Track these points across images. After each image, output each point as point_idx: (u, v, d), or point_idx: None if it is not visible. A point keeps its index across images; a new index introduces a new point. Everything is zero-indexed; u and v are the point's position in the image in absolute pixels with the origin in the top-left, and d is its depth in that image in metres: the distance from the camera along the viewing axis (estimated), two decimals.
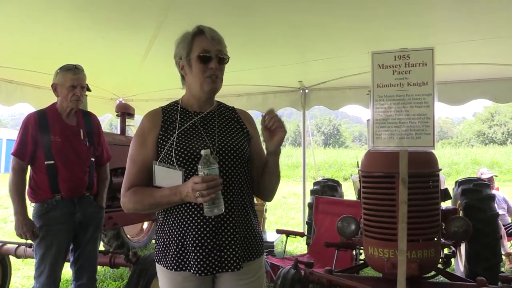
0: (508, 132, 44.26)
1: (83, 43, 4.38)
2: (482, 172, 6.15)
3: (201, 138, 1.64)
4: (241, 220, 1.63)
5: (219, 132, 1.68)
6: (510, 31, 4.12)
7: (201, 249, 1.55)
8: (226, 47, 1.70)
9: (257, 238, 1.70)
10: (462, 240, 2.81)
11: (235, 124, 1.75)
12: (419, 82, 2.18)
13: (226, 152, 1.63)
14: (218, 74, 1.67)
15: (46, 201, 2.83)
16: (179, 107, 1.76)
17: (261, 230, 1.80)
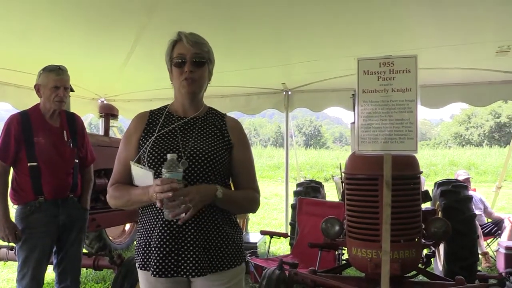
0: (484, 134, 45.37)
1: (65, 43, 4.33)
2: (459, 174, 6.32)
3: (175, 143, 1.68)
4: (207, 228, 1.62)
5: (195, 138, 1.70)
6: (486, 37, 4.26)
7: (159, 251, 1.59)
8: (207, 51, 1.73)
9: (229, 249, 1.67)
10: (442, 240, 2.89)
11: (216, 132, 1.74)
12: (403, 88, 2.26)
13: (197, 159, 1.63)
14: (194, 77, 1.68)
15: (29, 203, 2.80)
16: (166, 111, 1.80)
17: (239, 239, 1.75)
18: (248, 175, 1.78)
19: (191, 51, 1.68)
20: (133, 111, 7.15)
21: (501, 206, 10.35)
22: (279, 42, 4.54)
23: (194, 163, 1.62)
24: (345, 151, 36.47)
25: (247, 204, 1.76)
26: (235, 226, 1.74)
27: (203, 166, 1.63)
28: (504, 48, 4.56)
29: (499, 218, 5.83)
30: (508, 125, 43.39)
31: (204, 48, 1.72)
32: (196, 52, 1.69)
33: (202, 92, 1.79)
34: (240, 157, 1.75)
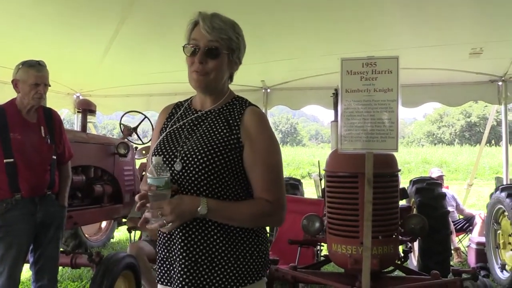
0: (455, 133, 46.64)
1: (40, 35, 4.24)
2: (432, 172, 6.49)
3: (175, 142, 1.50)
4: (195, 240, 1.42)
5: (198, 136, 1.48)
6: (460, 39, 4.39)
7: (159, 257, 1.55)
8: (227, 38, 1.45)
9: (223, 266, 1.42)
10: (419, 236, 2.98)
11: (224, 128, 1.47)
12: (385, 88, 2.31)
13: (190, 160, 1.42)
14: (206, 69, 1.44)
15: (5, 200, 2.73)
16: (187, 103, 1.62)
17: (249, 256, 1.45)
18: (260, 181, 1.45)
19: (206, 38, 1.43)
20: (110, 107, 7.07)
21: (472, 203, 10.68)
22: (259, 40, 4.55)
23: (187, 165, 1.42)
24: (321, 149, 36.85)
25: (252, 219, 1.43)
26: (239, 245, 1.45)
27: (195, 169, 1.40)
28: (477, 50, 4.71)
29: (471, 215, 6.02)
30: (478, 124, 44.73)
31: (223, 35, 1.44)
32: (211, 39, 1.42)
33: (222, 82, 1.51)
34: (250, 157, 1.44)
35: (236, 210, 1.42)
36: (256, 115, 1.49)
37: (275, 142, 1.50)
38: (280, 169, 1.50)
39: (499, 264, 4.59)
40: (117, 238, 6.82)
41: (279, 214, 1.46)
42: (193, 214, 1.36)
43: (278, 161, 1.49)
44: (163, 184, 1.32)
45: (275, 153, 1.48)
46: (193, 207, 1.35)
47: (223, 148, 1.43)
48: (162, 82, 6.02)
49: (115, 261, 3.09)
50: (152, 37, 4.39)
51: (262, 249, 1.50)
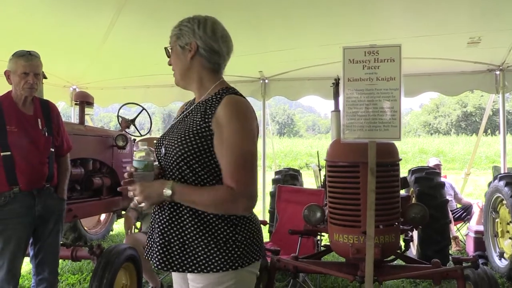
0: (451, 122, 46.77)
1: (34, 27, 4.19)
2: (431, 161, 6.51)
3: (169, 130, 1.67)
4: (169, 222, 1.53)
5: (179, 126, 1.63)
6: (457, 28, 4.37)
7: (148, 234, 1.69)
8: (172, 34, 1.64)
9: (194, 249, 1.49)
10: (419, 225, 2.98)
11: (199, 117, 1.55)
12: (387, 77, 2.29)
13: (168, 148, 1.56)
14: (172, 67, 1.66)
15: (3, 194, 2.71)
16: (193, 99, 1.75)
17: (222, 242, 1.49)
18: (226, 168, 1.48)
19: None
20: (106, 99, 7.02)
21: (469, 192, 10.74)
22: (257, 30, 4.53)
23: (167, 150, 1.56)
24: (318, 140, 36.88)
25: (213, 205, 1.47)
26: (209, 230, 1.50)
27: (172, 154, 1.53)
28: (475, 39, 4.70)
29: (468, 204, 6.05)
30: (474, 114, 44.86)
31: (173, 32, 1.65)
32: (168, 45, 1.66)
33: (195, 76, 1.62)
34: (217, 145, 1.50)
35: (199, 195, 1.49)
36: (230, 103, 1.52)
37: (245, 130, 1.50)
38: (247, 157, 1.48)
39: (497, 252, 4.62)
40: (116, 231, 6.81)
41: (242, 202, 1.47)
42: (160, 196, 1.48)
43: (246, 149, 1.48)
44: (142, 166, 1.51)
45: (243, 141, 1.48)
46: (160, 190, 1.48)
47: (193, 135, 1.51)
48: (159, 73, 5.97)
49: (116, 253, 3.08)
50: (149, 28, 4.35)
51: (239, 238, 1.51)
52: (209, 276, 1.48)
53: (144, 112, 5.37)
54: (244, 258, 1.51)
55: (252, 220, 1.59)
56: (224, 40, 1.61)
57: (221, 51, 1.60)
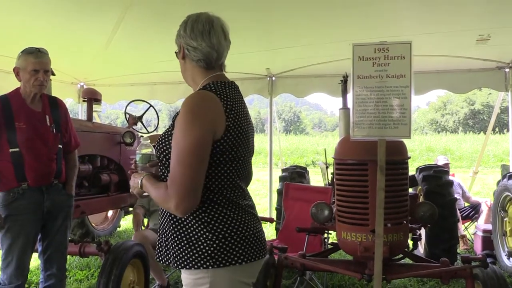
0: (459, 120, 46.45)
1: (42, 24, 4.20)
2: (438, 159, 6.47)
3: None
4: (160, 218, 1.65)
5: None
6: (467, 25, 4.33)
7: None
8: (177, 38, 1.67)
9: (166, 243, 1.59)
10: (428, 223, 2.96)
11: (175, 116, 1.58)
12: (398, 74, 2.27)
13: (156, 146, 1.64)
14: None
15: (12, 190, 2.72)
16: None
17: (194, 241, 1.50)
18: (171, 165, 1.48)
19: None
20: (114, 96, 7.05)
21: (477, 190, 10.67)
22: (264, 27, 4.51)
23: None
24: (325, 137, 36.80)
25: (160, 201, 1.53)
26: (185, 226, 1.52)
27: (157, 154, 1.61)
28: (485, 37, 4.65)
29: (477, 202, 6.01)
30: (482, 112, 44.53)
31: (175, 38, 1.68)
32: None
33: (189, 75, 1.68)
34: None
35: (153, 191, 1.55)
36: (185, 101, 1.51)
37: (185, 127, 1.46)
38: (181, 156, 1.44)
39: (505, 251, 4.58)
40: (123, 227, 6.85)
41: (172, 202, 1.44)
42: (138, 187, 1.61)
43: (181, 146, 1.44)
44: (137, 159, 1.67)
45: (181, 138, 1.45)
46: (137, 181, 1.61)
47: (163, 135, 1.59)
48: (167, 70, 5.98)
49: (124, 250, 3.09)
50: (156, 24, 4.34)
51: (211, 238, 1.48)
52: (188, 272, 1.53)
53: (151, 109, 5.38)
54: (216, 258, 1.48)
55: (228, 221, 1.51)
56: (204, 35, 1.59)
57: (201, 47, 1.59)
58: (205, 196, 1.50)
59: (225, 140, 1.50)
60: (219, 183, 1.52)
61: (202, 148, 1.45)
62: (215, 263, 1.47)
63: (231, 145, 1.52)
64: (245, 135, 1.58)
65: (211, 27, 1.60)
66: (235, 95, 1.61)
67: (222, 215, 1.51)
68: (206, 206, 1.51)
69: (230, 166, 1.54)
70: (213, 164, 1.50)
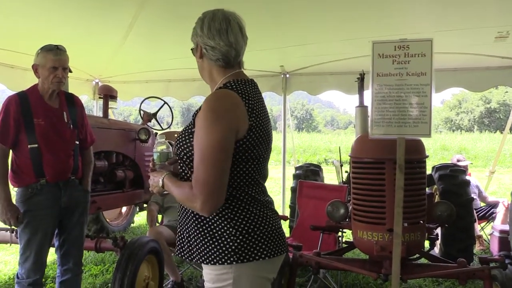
0: (474, 119, 45.81)
1: (59, 22, 4.23)
2: (458, 159, 6.37)
3: None
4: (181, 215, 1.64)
5: None
6: (485, 22, 4.25)
7: None
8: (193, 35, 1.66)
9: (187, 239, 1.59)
10: (446, 223, 2.92)
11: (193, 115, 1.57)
12: (418, 72, 2.24)
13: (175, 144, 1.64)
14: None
15: (31, 185, 2.76)
16: None
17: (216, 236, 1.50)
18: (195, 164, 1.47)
19: None
20: (128, 93, 7.09)
21: (493, 190, 10.51)
22: (278, 24, 4.48)
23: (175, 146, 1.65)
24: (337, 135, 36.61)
25: (184, 201, 1.52)
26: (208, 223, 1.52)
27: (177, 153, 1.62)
28: (503, 34, 4.56)
29: (493, 202, 5.92)
30: (498, 110, 43.84)
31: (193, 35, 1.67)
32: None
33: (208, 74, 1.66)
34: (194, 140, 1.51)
35: (175, 190, 1.55)
36: (207, 99, 1.51)
37: (207, 126, 1.45)
38: (205, 155, 1.43)
39: None
40: (137, 223, 6.90)
41: (197, 201, 1.43)
42: (158, 186, 1.61)
43: (206, 148, 1.43)
44: (155, 157, 1.68)
45: (204, 137, 1.44)
46: (158, 180, 1.61)
47: (187, 133, 1.56)
48: (181, 67, 6.00)
49: (140, 246, 3.11)
50: (171, 22, 4.35)
51: (235, 233, 1.49)
52: (211, 267, 1.53)
53: (164, 106, 5.40)
54: (240, 254, 1.48)
55: (251, 217, 1.52)
56: (222, 34, 1.58)
57: (219, 46, 1.58)
58: (228, 192, 1.50)
59: (248, 139, 1.50)
60: (241, 180, 1.52)
61: (226, 147, 1.44)
62: (238, 259, 1.48)
63: (253, 144, 1.52)
64: (267, 133, 1.59)
65: (228, 25, 1.58)
66: (256, 93, 1.60)
67: (245, 211, 1.52)
68: (229, 202, 1.51)
69: (252, 164, 1.54)
70: (235, 162, 1.50)
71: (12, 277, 4.22)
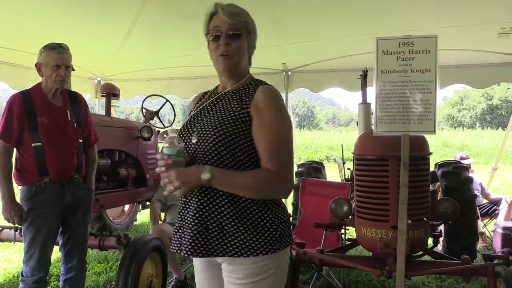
0: (476, 116, 45.72)
1: (61, 20, 4.24)
2: (461, 156, 6.36)
3: (195, 120, 1.66)
4: (208, 208, 1.52)
5: (212, 114, 1.62)
6: (488, 18, 4.24)
7: (175, 227, 1.66)
8: (244, 21, 1.60)
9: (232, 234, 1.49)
10: (450, 220, 2.92)
11: (236, 104, 1.57)
12: (422, 68, 2.23)
13: (202, 135, 1.55)
14: (230, 50, 1.57)
15: (34, 184, 2.76)
16: (213, 89, 1.77)
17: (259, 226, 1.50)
18: (265, 152, 1.50)
19: (227, 22, 1.57)
20: (130, 91, 7.09)
21: (495, 187, 10.50)
22: (280, 21, 4.47)
23: (200, 137, 1.55)
24: (339, 133, 36.56)
25: (253, 186, 1.48)
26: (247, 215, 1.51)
27: (207, 141, 1.53)
28: (507, 30, 4.55)
29: (496, 199, 5.91)
30: (500, 107, 43.73)
31: (241, 18, 1.60)
32: (231, 23, 1.57)
33: (243, 65, 1.64)
34: (257, 129, 1.52)
35: (238, 178, 1.50)
36: (268, 91, 1.58)
37: (283, 115, 1.55)
38: (285, 141, 1.53)
39: None
40: (139, 221, 6.92)
41: (280, 185, 1.50)
42: (198, 181, 1.46)
43: (284, 133, 1.53)
44: (174, 153, 1.49)
45: (282, 125, 1.53)
46: (197, 174, 1.46)
47: (232, 121, 1.53)
48: (183, 65, 6.00)
49: (143, 243, 3.12)
50: (173, 20, 4.36)
51: (276, 222, 1.54)
52: (254, 259, 1.49)
53: (166, 104, 5.40)
54: (281, 242, 1.53)
55: (282, 205, 1.61)
56: None
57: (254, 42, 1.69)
58: None
59: None
60: None
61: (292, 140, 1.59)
62: (280, 246, 1.53)
63: None
64: None
65: None
66: None
67: (279, 199, 1.59)
68: None
69: None
70: None
71: (17, 275, 4.23)
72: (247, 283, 1.51)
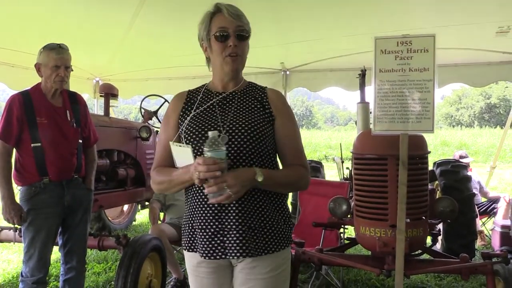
0: (474, 114, 45.80)
1: (59, 20, 4.23)
2: (460, 155, 6.38)
3: (213, 119, 1.59)
4: (249, 209, 1.52)
5: (234, 112, 1.60)
6: (486, 17, 4.25)
7: (205, 232, 1.54)
8: (247, 23, 1.62)
9: (272, 230, 1.55)
10: (448, 219, 2.92)
11: (256, 104, 1.63)
12: (421, 68, 2.24)
13: (236, 132, 1.52)
14: (238, 51, 1.58)
15: (34, 184, 2.77)
16: (204, 89, 1.72)
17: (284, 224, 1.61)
18: (294, 149, 1.63)
19: (234, 23, 1.57)
20: (129, 91, 7.09)
21: (493, 186, 10.52)
22: (278, 21, 4.48)
23: (234, 137, 1.52)
24: (337, 132, 36.60)
25: (294, 182, 1.61)
26: (280, 210, 1.61)
27: (243, 140, 1.52)
28: (504, 29, 4.55)
29: (495, 198, 5.93)
30: (498, 106, 43.82)
31: (245, 20, 1.62)
32: (239, 25, 1.58)
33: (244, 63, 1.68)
34: (283, 129, 1.62)
35: (284, 176, 1.58)
36: (278, 93, 1.72)
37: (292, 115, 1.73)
38: (300, 141, 1.69)
39: None
40: (138, 221, 6.92)
41: (308, 180, 1.66)
42: (252, 183, 1.47)
43: (298, 133, 1.70)
44: (223, 156, 1.39)
45: (296, 125, 1.72)
46: (251, 176, 1.46)
47: (262, 121, 1.59)
48: (181, 65, 6.00)
49: (142, 243, 3.12)
50: (171, 20, 4.35)
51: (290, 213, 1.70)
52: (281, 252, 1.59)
53: (165, 104, 5.40)
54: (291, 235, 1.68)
55: None
56: None
57: None
58: None
59: None
60: None
61: None
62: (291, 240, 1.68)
63: None
64: None
65: None
66: None
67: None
68: None
69: None
70: None
71: (16, 276, 4.24)
72: (271, 276, 1.56)
